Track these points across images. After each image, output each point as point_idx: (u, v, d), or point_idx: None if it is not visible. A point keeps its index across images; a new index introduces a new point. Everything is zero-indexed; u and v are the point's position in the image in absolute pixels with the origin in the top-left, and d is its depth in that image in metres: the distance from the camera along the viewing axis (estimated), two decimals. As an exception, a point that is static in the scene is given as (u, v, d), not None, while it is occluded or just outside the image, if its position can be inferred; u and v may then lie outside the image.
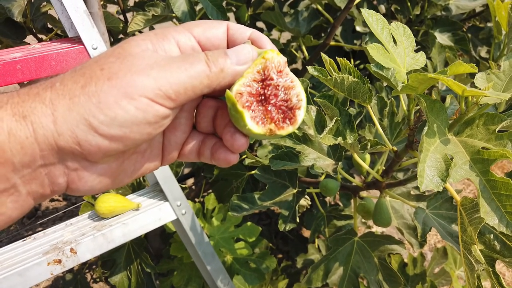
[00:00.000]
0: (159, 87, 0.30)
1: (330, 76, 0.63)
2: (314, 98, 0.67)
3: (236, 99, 0.33)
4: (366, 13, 0.55)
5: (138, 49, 0.32)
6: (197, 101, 0.39)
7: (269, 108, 0.35)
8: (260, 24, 1.78)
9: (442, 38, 1.49)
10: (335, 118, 0.60)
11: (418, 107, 0.63)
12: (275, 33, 1.98)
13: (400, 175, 1.20)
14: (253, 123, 0.34)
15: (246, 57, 0.35)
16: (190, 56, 0.33)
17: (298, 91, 0.36)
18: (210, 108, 0.39)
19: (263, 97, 0.35)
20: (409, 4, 1.53)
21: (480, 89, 0.51)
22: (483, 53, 1.72)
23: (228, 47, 0.37)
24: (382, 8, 1.61)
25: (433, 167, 0.42)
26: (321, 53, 0.68)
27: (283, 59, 0.36)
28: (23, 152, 0.29)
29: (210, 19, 1.18)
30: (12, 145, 0.28)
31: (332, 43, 1.39)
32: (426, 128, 0.44)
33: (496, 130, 0.47)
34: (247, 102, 0.34)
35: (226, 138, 0.37)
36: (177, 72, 0.31)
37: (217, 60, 0.33)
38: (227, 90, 0.34)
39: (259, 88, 0.35)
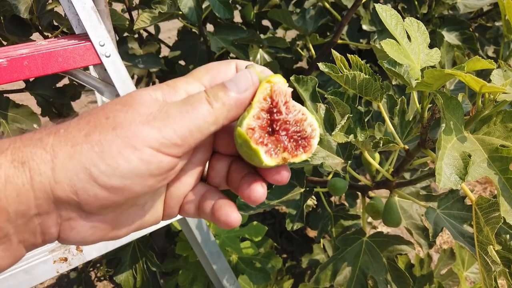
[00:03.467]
0: (163, 136, 0.30)
1: (341, 73, 0.62)
2: (325, 95, 0.66)
3: (249, 135, 0.32)
4: (380, 8, 0.54)
5: (145, 97, 0.32)
6: (207, 154, 0.37)
7: (280, 138, 0.33)
8: (265, 22, 1.77)
9: (450, 37, 1.48)
10: (347, 116, 0.59)
11: (431, 105, 0.62)
12: (280, 32, 1.97)
13: (407, 175, 1.18)
14: (267, 157, 0.32)
15: (246, 83, 0.33)
16: (191, 97, 0.32)
17: (310, 121, 0.34)
18: (223, 164, 0.37)
19: (272, 126, 0.34)
20: (416, 2, 1.52)
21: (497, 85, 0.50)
22: (490, 53, 1.70)
23: None
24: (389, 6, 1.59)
25: (451, 165, 0.41)
26: (332, 50, 0.67)
27: (289, 89, 0.34)
28: (19, 200, 0.28)
29: (217, 16, 1.18)
30: (8, 193, 0.27)
31: (339, 41, 1.38)
32: (443, 125, 0.43)
33: (515, 127, 0.46)
34: (260, 138, 0.32)
35: (242, 189, 0.35)
36: (179, 117, 0.30)
37: (217, 95, 0.32)
38: (238, 128, 0.32)
39: (267, 119, 0.33)
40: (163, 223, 0.92)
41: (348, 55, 0.65)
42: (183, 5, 1.13)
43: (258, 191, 0.34)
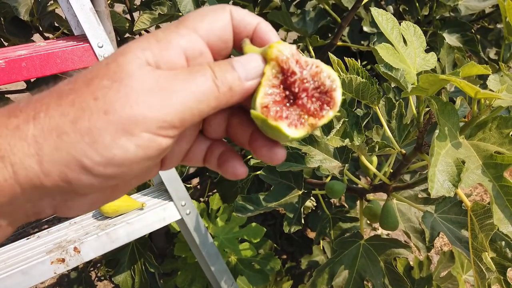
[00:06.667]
0: (164, 119, 0.27)
1: (338, 76, 0.61)
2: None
3: (264, 114, 0.30)
4: (376, 12, 0.53)
5: (135, 66, 0.28)
6: None
7: (300, 102, 0.31)
8: (266, 23, 1.76)
9: (451, 39, 1.47)
10: (342, 120, 0.59)
11: (428, 108, 0.62)
12: (281, 33, 1.97)
13: (407, 177, 1.18)
14: (292, 130, 0.30)
15: (255, 72, 0.31)
16: (195, 72, 0.29)
17: (328, 72, 0.31)
18: (222, 118, 0.35)
19: (290, 96, 0.31)
20: (417, 4, 1.52)
21: (493, 91, 0.50)
22: (492, 55, 1.69)
23: (234, 40, 0.34)
24: (390, 8, 1.59)
25: (444, 172, 0.41)
26: (329, 53, 0.67)
27: (294, 47, 0.31)
28: (2, 194, 0.26)
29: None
30: None
31: (339, 43, 1.38)
32: (437, 131, 0.43)
33: (510, 134, 0.45)
34: (278, 113, 0.30)
35: (262, 153, 0.33)
36: (182, 96, 0.28)
37: (225, 78, 0.29)
38: (252, 111, 0.30)
39: (281, 93, 0.31)
40: (163, 223, 0.92)
41: (346, 58, 0.65)
42: (183, 6, 1.13)
43: (280, 152, 0.33)
